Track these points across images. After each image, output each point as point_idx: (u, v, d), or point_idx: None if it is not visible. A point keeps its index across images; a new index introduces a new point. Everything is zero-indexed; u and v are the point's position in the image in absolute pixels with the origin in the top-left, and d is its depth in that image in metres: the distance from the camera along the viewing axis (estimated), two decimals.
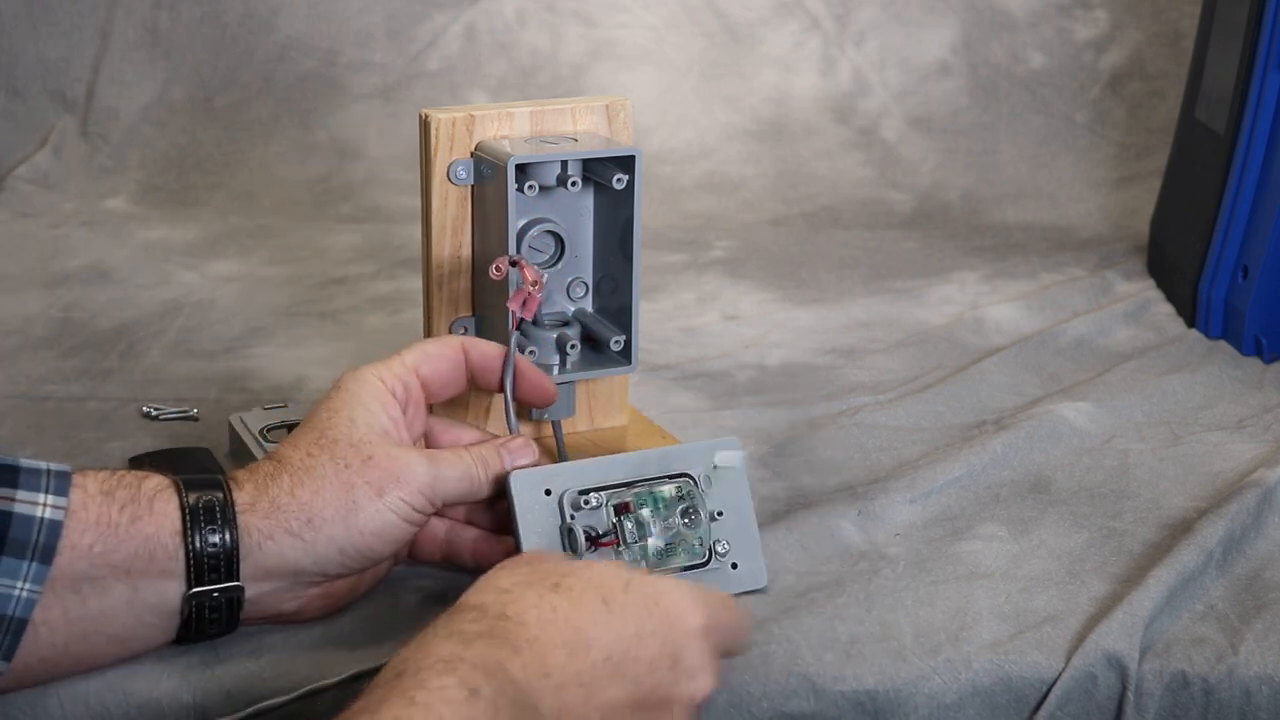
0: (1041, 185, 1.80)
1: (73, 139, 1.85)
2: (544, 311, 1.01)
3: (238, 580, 0.79)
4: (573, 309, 1.02)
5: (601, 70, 1.90)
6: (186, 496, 0.79)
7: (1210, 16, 1.42)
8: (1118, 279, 1.48)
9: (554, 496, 0.85)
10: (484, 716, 0.64)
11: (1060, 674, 0.83)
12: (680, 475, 0.88)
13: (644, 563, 0.86)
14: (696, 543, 0.87)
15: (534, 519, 0.85)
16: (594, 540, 0.84)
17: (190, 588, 0.78)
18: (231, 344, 1.31)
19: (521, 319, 0.92)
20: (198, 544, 0.78)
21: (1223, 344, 1.30)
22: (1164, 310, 1.40)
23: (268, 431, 1.05)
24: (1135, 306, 1.39)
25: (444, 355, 0.89)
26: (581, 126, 1.00)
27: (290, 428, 1.06)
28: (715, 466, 0.89)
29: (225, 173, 1.82)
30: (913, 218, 1.74)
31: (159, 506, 0.78)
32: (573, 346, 1.01)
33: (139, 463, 1.04)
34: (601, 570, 0.75)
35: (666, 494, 0.87)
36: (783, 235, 1.68)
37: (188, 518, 0.78)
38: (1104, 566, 0.93)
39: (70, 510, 0.76)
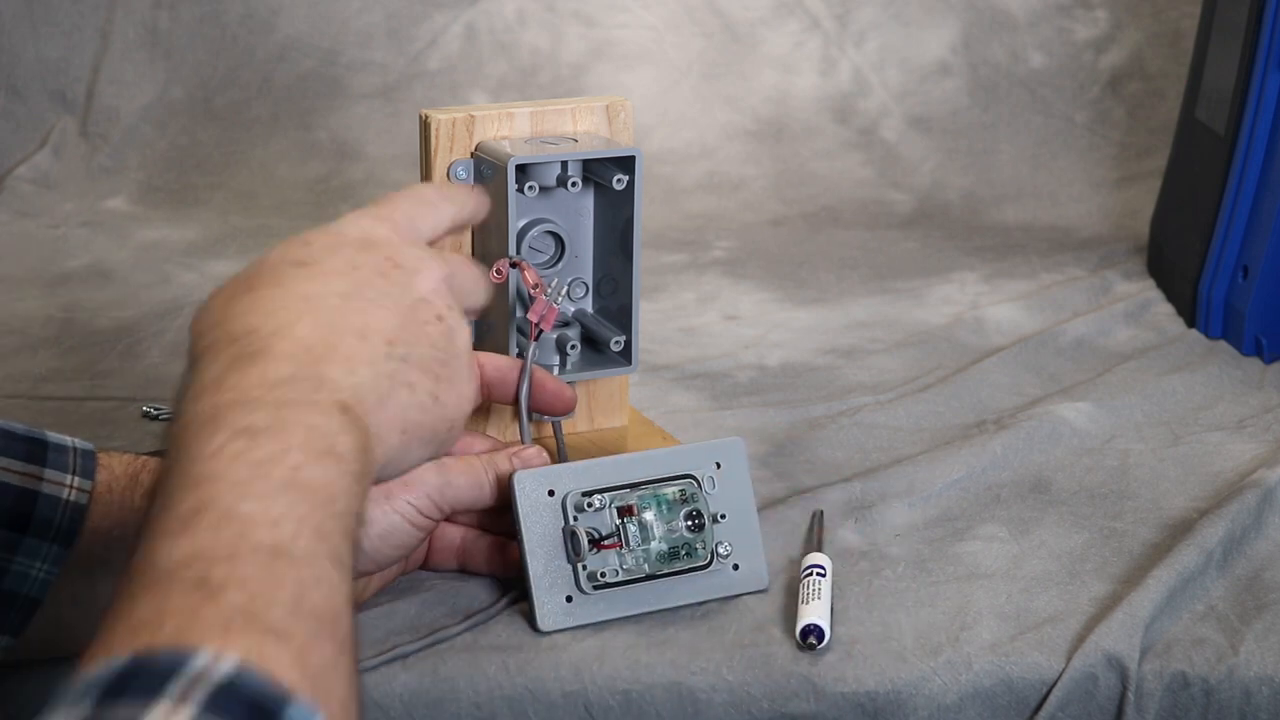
0: (1041, 185, 1.80)
1: (73, 139, 1.85)
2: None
3: None
4: (573, 309, 1.02)
5: (601, 70, 1.90)
6: None
7: (1210, 16, 1.42)
8: (1118, 279, 1.48)
9: (557, 497, 0.85)
10: (274, 445, 0.57)
11: (1060, 674, 0.83)
12: (683, 476, 0.88)
13: (647, 566, 0.86)
14: (700, 546, 0.87)
15: (536, 520, 0.85)
16: (596, 542, 0.84)
17: None
18: None
19: (541, 330, 0.92)
20: None
21: (1223, 344, 1.30)
22: (1164, 310, 1.40)
23: None
24: (1135, 306, 1.39)
25: None
26: (582, 127, 1.00)
27: None
28: (718, 466, 0.89)
29: (225, 173, 1.82)
30: (913, 218, 1.74)
31: None
32: (573, 347, 1.01)
33: None
34: (275, 249, 0.69)
35: (670, 495, 0.86)
36: (783, 235, 1.68)
37: None
38: (1104, 567, 0.93)
39: (95, 494, 0.76)
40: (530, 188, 0.96)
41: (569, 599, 0.85)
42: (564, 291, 0.93)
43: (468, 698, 0.81)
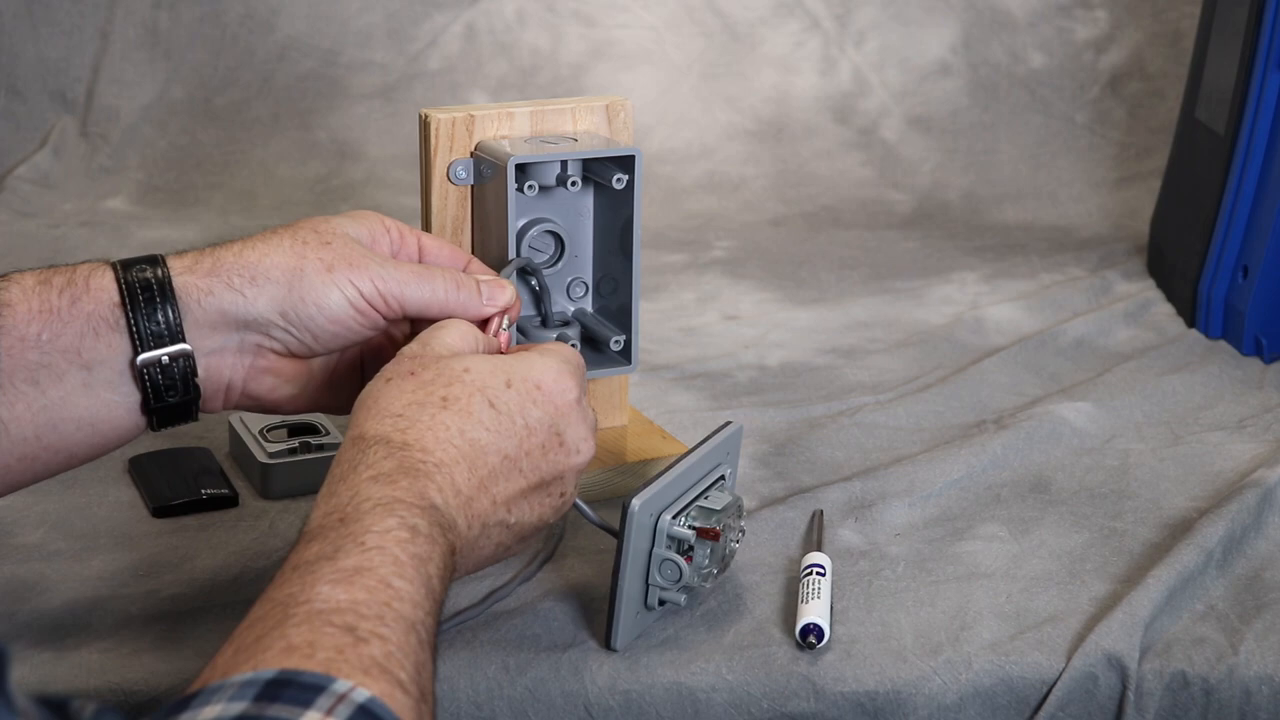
0: (1041, 185, 1.80)
1: (73, 139, 1.85)
2: (544, 311, 1.01)
3: (183, 342, 0.79)
4: (573, 309, 1.02)
5: (601, 70, 1.90)
6: (121, 271, 0.79)
7: (1210, 16, 1.42)
8: (1118, 279, 1.48)
9: (651, 518, 0.83)
10: (426, 548, 0.70)
11: (1060, 674, 0.83)
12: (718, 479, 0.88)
13: (701, 582, 0.84)
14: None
15: (640, 543, 0.82)
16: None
17: (136, 353, 0.78)
18: None
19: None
20: (136, 290, 0.79)
21: (1223, 344, 1.30)
22: (1164, 310, 1.40)
23: (268, 431, 1.05)
24: (1135, 306, 1.39)
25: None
26: (581, 126, 1.00)
27: (290, 428, 1.06)
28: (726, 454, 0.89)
29: (225, 173, 1.82)
30: (913, 218, 1.74)
31: (95, 283, 0.79)
32: (573, 346, 1.00)
33: (139, 463, 1.04)
34: (481, 371, 0.78)
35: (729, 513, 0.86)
36: (783, 235, 1.68)
37: (124, 287, 0.79)
38: (1104, 566, 0.93)
39: (10, 304, 0.77)
40: (530, 187, 0.96)
41: (635, 614, 0.84)
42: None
43: (468, 697, 0.81)
